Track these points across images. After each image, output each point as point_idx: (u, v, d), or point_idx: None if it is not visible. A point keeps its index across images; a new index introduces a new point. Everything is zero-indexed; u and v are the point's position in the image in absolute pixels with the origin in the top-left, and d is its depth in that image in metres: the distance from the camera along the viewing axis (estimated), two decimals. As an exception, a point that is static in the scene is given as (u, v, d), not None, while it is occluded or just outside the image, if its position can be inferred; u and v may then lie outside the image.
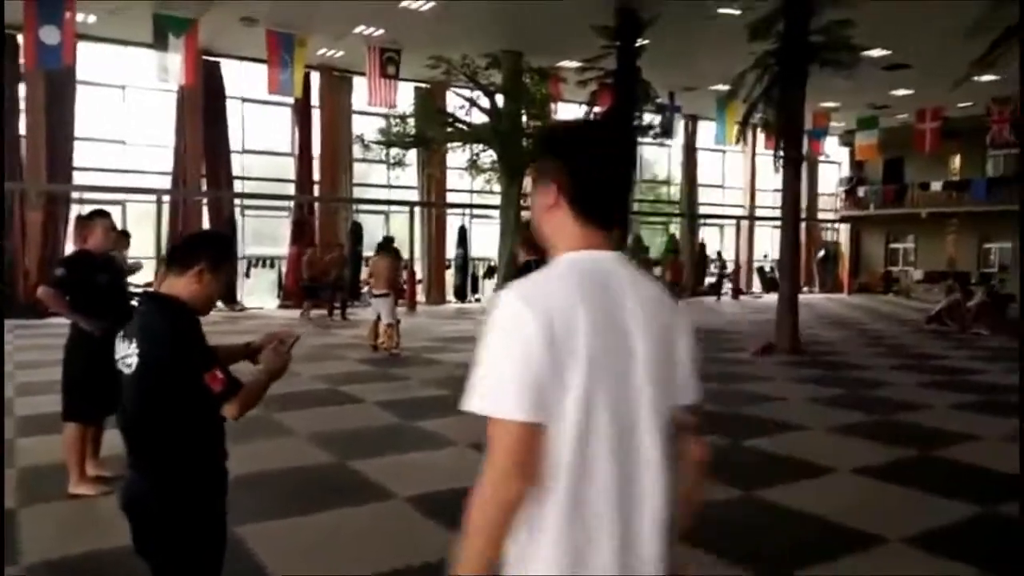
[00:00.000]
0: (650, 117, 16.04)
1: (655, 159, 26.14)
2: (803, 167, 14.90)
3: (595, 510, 1.36)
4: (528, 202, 15.37)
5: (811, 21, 11.71)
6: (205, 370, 2.23)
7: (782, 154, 12.59)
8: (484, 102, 15.42)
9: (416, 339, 11.37)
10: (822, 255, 28.40)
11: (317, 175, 19.54)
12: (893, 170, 27.57)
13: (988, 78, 16.16)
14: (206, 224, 18.11)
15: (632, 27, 14.65)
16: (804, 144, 14.00)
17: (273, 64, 15.89)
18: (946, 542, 4.28)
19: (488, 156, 16.02)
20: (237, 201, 18.98)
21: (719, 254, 25.94)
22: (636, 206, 23.29)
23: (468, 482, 1.43)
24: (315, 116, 19.40)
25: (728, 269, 25.91)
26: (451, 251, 21.07)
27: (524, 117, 15.80)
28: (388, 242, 12.42)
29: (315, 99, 19.22)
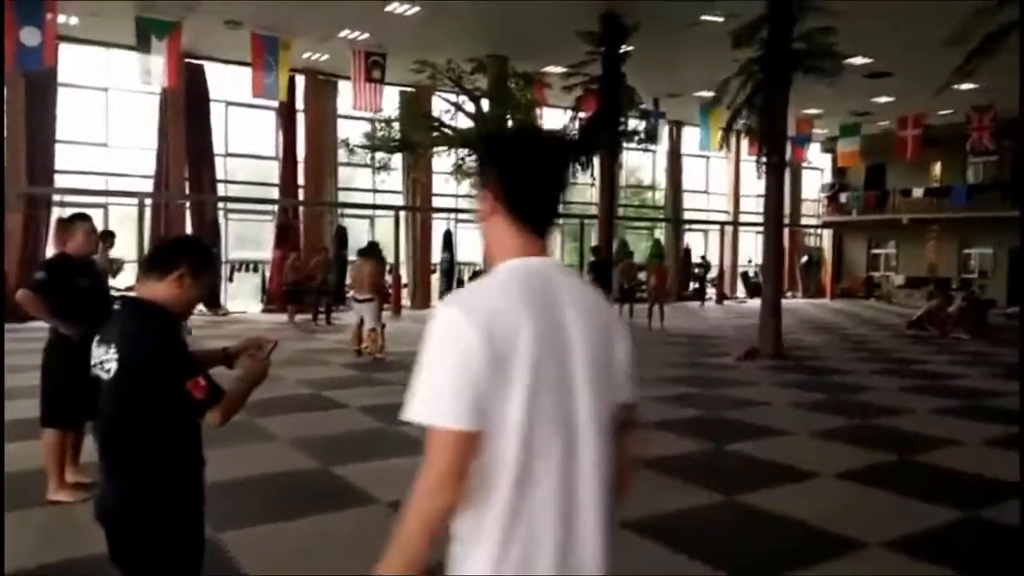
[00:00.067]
0: (635, 123, 16.11)
1: (640, 164, 26.25)
2: (786, 173, 15.03)
3: (538, 512, 1.39)
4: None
5: (794, 29, 11.83)
6: (188, 377, 2.21)
7: (765, 160, 12.69)
8: (469, 107, 15.42)
9: (401, 343, 11.34)
10: (805, 260, 28.62)
11: (302, 179, 19.45)
12: (875, 176, 27.81)
13: (968, 86, 16.35)
14: (189, 227, 17.99)
15: (616, 33, 14.72)
16: (787, 150, 14.10)
17: (257, 67, 15.81)
18: (926, 546, 4.32)
19: (474, 161, 16.00)
20: (221, 205, 18.86)
21: (704, 258, 26.07)
22: (621, 211, 23.35)
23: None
24: (300, 120, 19.29)
25: (712, 273, 26.06)
26: (437, 255, 21.05)
27: (510, 122, 15.81)
28: (372, 247, 12.41)
29: (300, 103, 19.12)
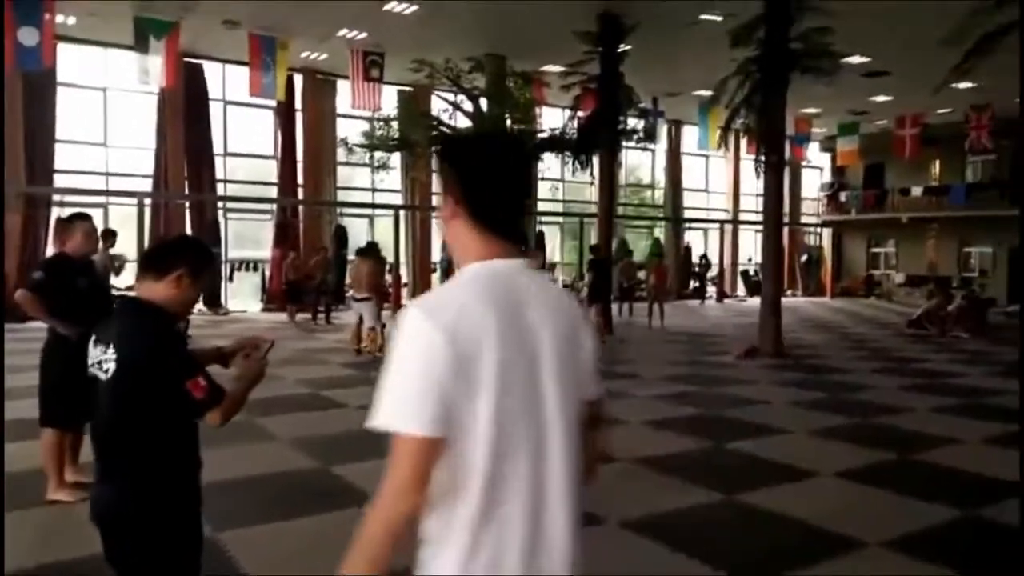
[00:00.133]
0: (633, 122, 16.10)
1: (639, 163, 26.27)
2: (786, 172, 15.02)
3: (507, 513, 1.39)
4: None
5: (792, 28, 11.82)
6: (188, 377, 2.21)
7: (764, 159, 12.69)
8: (468, 106, 15.41)
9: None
10: (805, 259, 28.64)
11: (301, 178, 19.46)
12: (874, 175, 27.83)
13: (966, 85, 16.35)
14: (189, 227, 17.99)
15: (614, 32, 14.70)
16: (786, 149, 14.10)
17: (256, 67, 15.81)
18: (926, 545, 4.32)
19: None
20: (220, 204, 18.86)
21: (704, 257, 26.08)
22: (621, 209, 23.36)
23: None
24: (298, 119, 19.32)
25: (712, 272, 26.07)
26: (436, 254, 21.03)
27: (508, 121, 15.80)
28: (371, 246, 12.42)
29: (298, 102, 19.13)
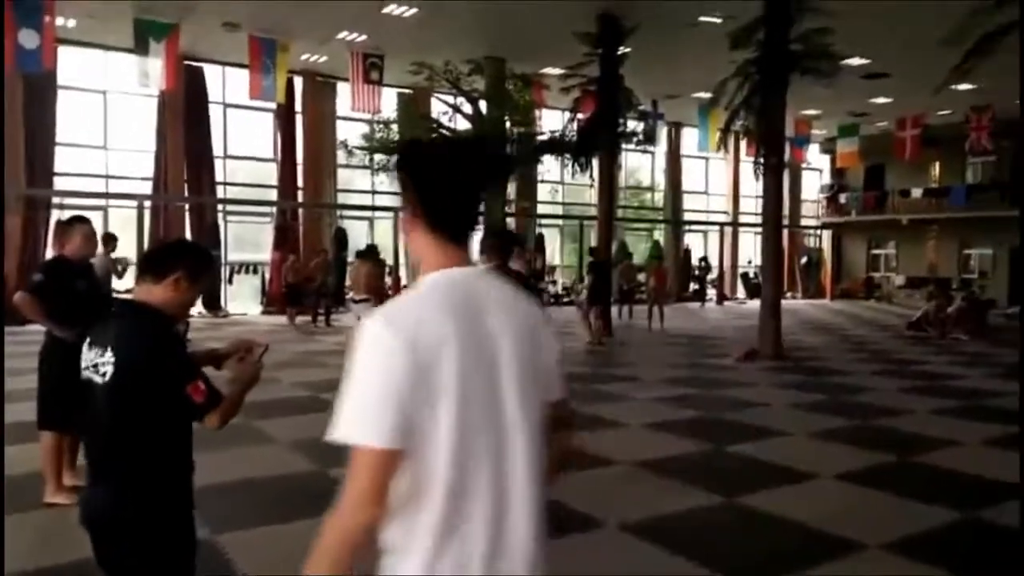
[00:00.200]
0: (633, 124, 16.09)
1: (639, 165, 26.27)
2: (785, 174, 15.02)
3: (470, 521, 1.39)
4: (511, 208, 15.23)
5: (791, 30, 11.82)
6: (188, 381, 2.21)
7: (763, 161, 12.69)
8: (467, 108, 15.42)
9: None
10: (805, 261, 28.62)
11: (300, 181, 19.46)
12: (874, 177, 27.81)
13: (966, 87, 16.36)
14: (188, 230, 17.99)
15: (614, 34, 14.70)
16: (786, 151, 14.10)
17: (255, 69, 15.81)
18: (925, 548, 4.31)
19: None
20: (220, 207, 18.86)
21: (704, 259, 26.06)
22: (621, 212, 23.35)
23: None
24: (298, 121, 19.32)
25: (712, 274, 26.06)
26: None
27: (508, 123, 15.81)
28: (370, 249, 12.44)
29: (298, 104, 19.14)
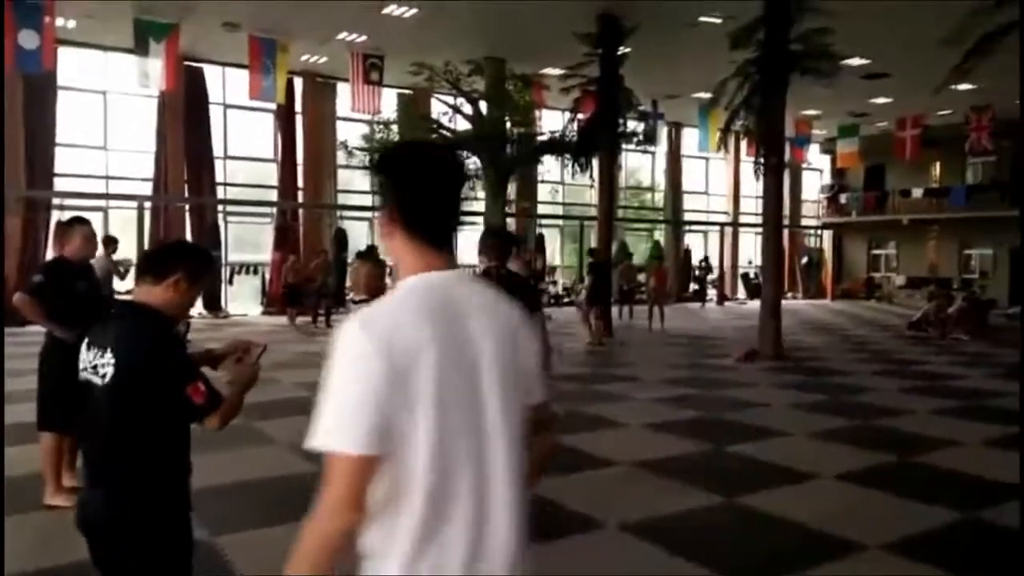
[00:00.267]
0: (633, 124, 16.08)
1: (639, 166, 26.26)
2: (786, 174, 15.00)
3: (450, 525, 1.39)
4: (511, 208, 15.21)
5: (791, 30, 11.82)
6: (189, 382, 2.21)
7: (763, 161, 12.68)
8: (467, 109, 15.42)
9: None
10: (805, 261, 28.61)
11: (301, 181, 19.46)
12: (874, 177, 27.81)
13: (966, 87, 16.35)
14: (189, 230, 18.00)
15: (614, 35, 14.69)
16: (786, 151, 14.09)
17: (255, 70, 15.81)
18: (925, 548, 4.31)
19: (472, 163, 16.03)
20: (220, 207, 18.86)
21: (706, 259, 26.05)
22: (621, 212, 23.35)
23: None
24: (298, 122, 19.32)
25: (713, 275, 26.05)
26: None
27: (508, 124, 15.80)
28: (370, 249, 12.47)
29: (298, 105, 19.14)
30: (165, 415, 2.23)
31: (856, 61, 16.54)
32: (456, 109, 15.67)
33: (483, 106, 15.47)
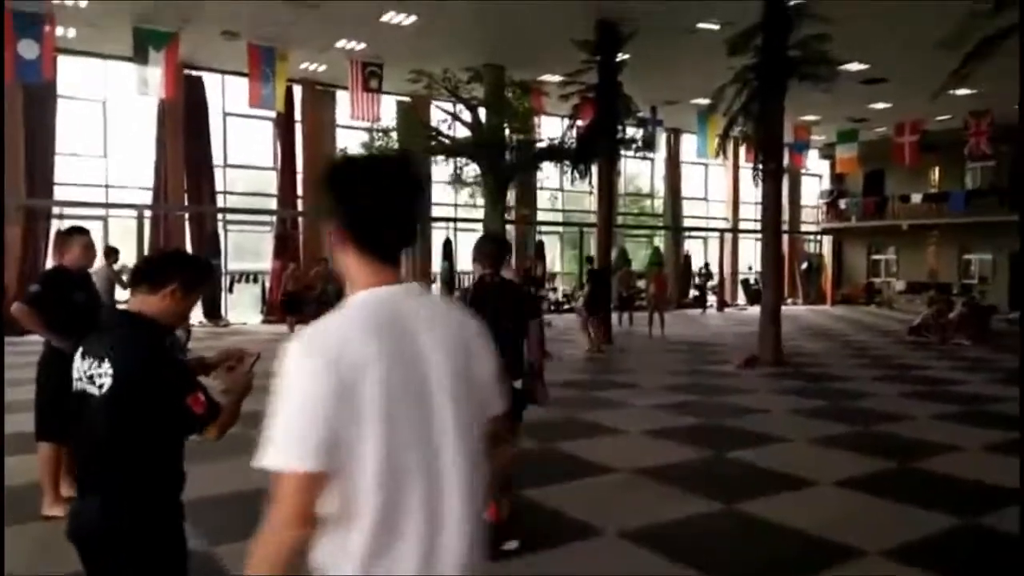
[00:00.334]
0: (632, 131, 16.11)
1: (639, 172, 26.29)
2: (785, 179, 15.01)
3: (402, 538, 1.38)
4: (511, 215, 15.18)
5: (789, 36, 11.84)
6: (188, 392, 2.21)
7: (762, 167, 12.70)
8: (466, 116, 15.44)
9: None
10: (805, 267, 28.62)
11: (300, 189, 19.49)
12: (873, 182, 27.84)
13: (964, 92, 16.38)
14: (188, 239, 18.01)
15: (612, 41, 14.73)
16: (785, 157, 14.11)
17: (255, 78, 15.85)
18: (925, 554, 4.30)
19: (472, 170, 16.05)
20: (220, 216, 18.88)
21: (706, 265, 26.06)
22: (620, 219, 23.37)
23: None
24: (298, 130, 19.36)
25: (713, 281, 26.05)
26: (436, 265, 21.03)
27: (507, 130, 15.82)
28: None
29: (298, 113, 19.19)
30: (162, 425, 2.22)
31: (855, 66, 16.59)
32: (455, 116, 15.70)
33: (482, 113, 15.50)
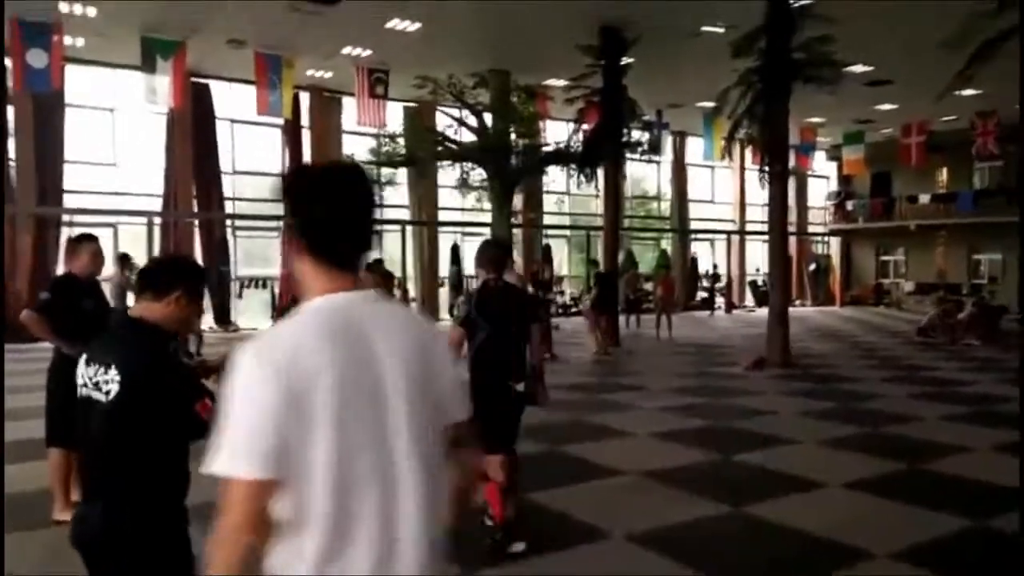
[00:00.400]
0: (638, 134, 16.11)
1: (645, 175, 26.28)
2: (792, 181, 14.97)
3: (355, 545, 1.38)
4: (518, 219, 15.20)
5: (793, 38, 11.83)
6: (197, 398, 2.22)
7: (767, 169, 12.68)
8: (472, 121, 15.48)
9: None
10: (813, 268, 28.54)
11: (308, 195, 19.54)
12: (881, 183, 27.77)
13: (970, 92, 16.31)
14: (198, 245, 18.10)
15: (616, 46, 14.75)
16: (791, 159, 14.08)
17: (262, 85, 15.93)
18: (933, 556, 4.28)
19: (478, 174, 16.09)
20: (228, 222, 18.97)
21: (715, 267, 26.01)
22: (627, 222, 23.35)
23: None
24: (305, 136, 19.44)
25: (721, 283, 26.01)
26: (444, 269, 21.07)
27: (513, 135, 15.85)
28: (377, 262, 12.54)
29: (305, 119, 19.27)
30: (169, 430, 2.24)
31: (859, 68, 16.55)
32: (461, 121, 15.74)
33: (488, 118, 15.53)
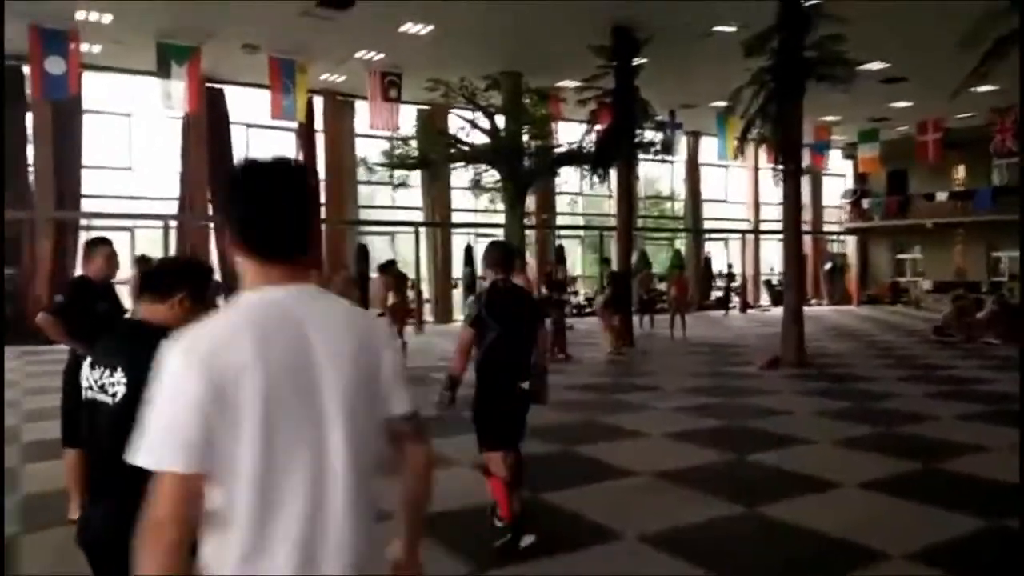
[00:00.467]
0: (651, 134, 16.07)
1: (659, 175, 26.21)
2: (807, 180, 14.88)
3: (280, 540, 1.37)
4: (531, 220, 15.20)
5: (806, 37, 11.76)
6: None
7: (782, 168, 12.61)
8: (484, 123, 15.51)
9: (422, 359, 11.39)
10: (829, 267, 28.35)
11: (322, 198, 19.65)
12: (897, 181, 27.55)
13: (986, 88, 16.14)
14: (214, 248, 18.22)
15: (628, 46, 14.73)
16: (805, 158, 14.00)
17: (276, 90, 16.04)
18: (949, 557, 4.24)
19: (491, 176, 16.11)
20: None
21: (729, 267, 25.91)
22: (641, 222, 23.30)
23: (464, 502, 1.42)
24: (319, 139, 19.56)
25: (736, 282, 25.90)
26: (457, 270, 21.11)
27: (525, 136, 15.87)
28: (390, 264, 12.62)
29: (318, 123, 19.39)
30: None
31: (874, 66, 16.44)
32: (473, 124, 15.78)
33: (500, 120, 15.55)
